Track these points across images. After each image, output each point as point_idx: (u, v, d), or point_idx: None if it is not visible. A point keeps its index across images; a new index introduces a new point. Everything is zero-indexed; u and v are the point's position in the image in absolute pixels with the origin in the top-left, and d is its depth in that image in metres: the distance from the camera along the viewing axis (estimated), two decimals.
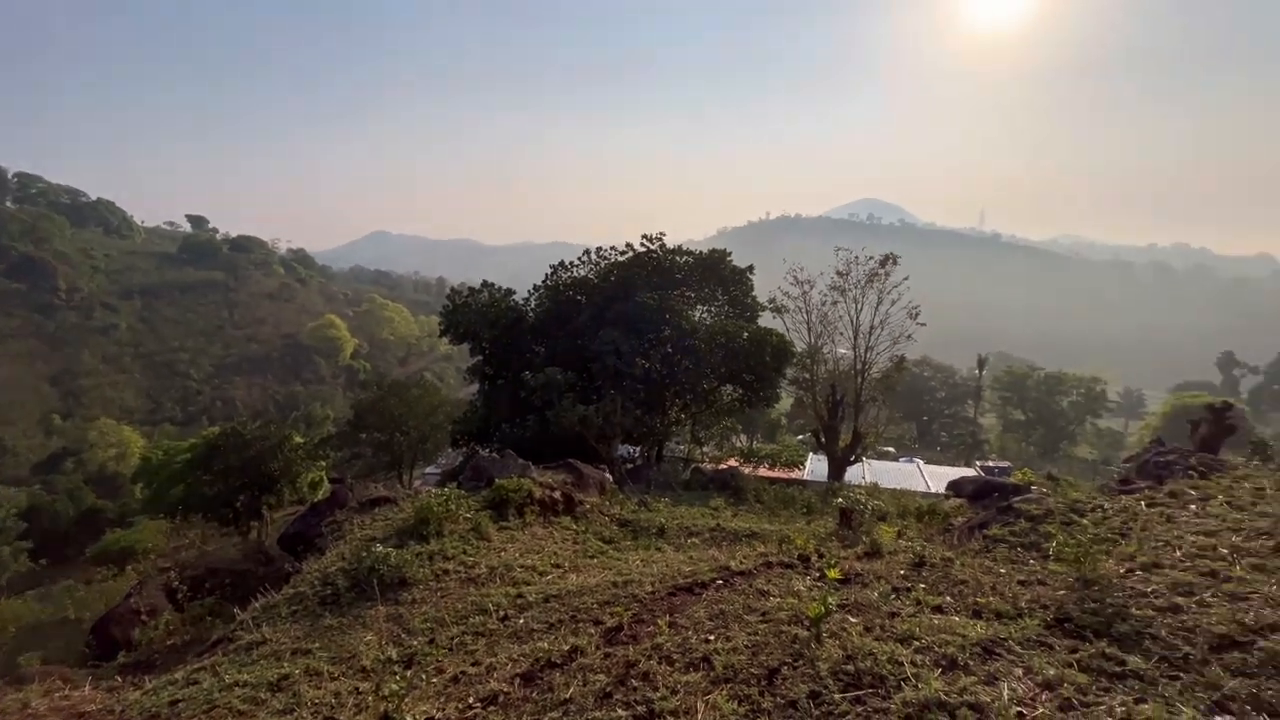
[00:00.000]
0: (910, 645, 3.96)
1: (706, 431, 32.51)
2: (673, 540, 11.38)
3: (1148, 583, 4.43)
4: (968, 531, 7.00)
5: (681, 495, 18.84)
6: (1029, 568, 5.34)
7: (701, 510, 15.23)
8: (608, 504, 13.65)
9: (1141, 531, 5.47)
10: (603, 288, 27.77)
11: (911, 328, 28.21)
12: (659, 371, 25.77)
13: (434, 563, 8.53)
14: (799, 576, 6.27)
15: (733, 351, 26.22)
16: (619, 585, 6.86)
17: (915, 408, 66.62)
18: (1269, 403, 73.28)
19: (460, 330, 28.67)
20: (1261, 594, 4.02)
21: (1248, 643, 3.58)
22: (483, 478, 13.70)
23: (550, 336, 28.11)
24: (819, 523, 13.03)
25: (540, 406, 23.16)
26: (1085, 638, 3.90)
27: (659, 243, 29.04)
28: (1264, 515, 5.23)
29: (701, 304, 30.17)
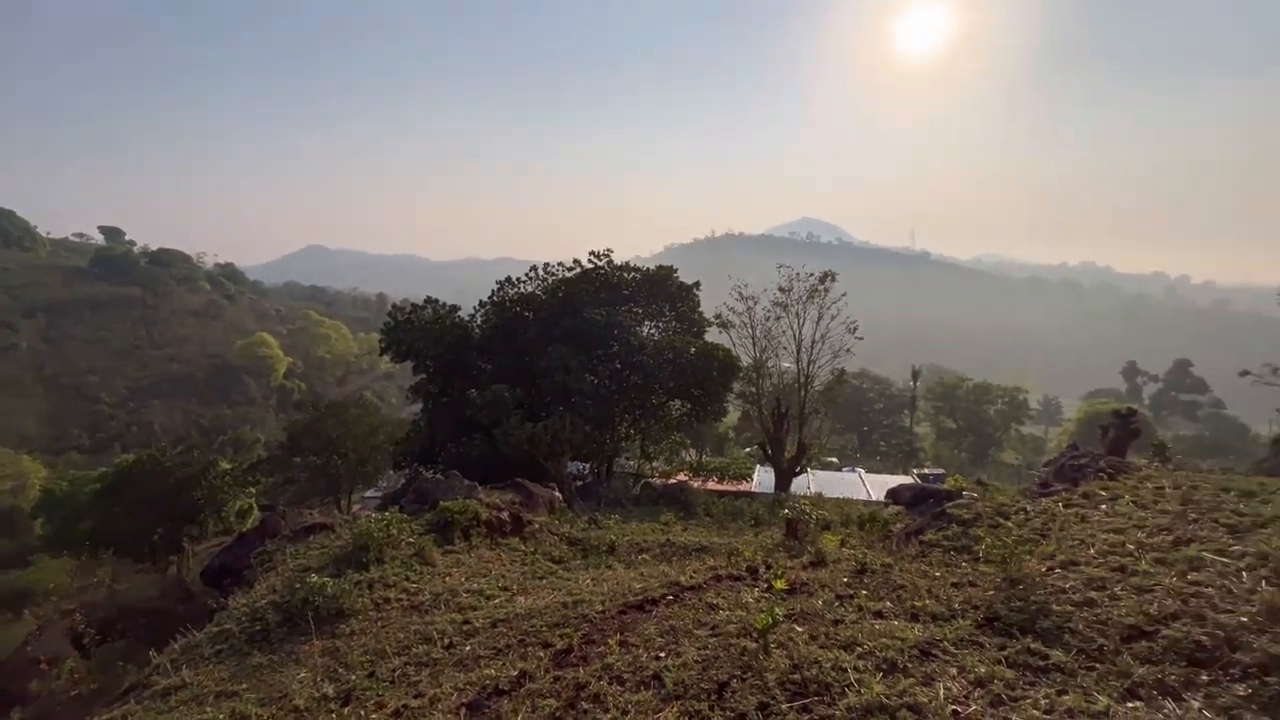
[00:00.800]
0: (854, 651, 4.08)
1: (656, 446, 32.63)
2: (623, 557, 11.32)
3: (1066, 580, 4.75)
4: (905, 537, 7.29)
5: (632, 511, 18.80)
6: (961, 570, 5.61)
7: (652, 526, 15.23)
8: (557, 523, 13.47)
9: (1059, 531, 5.85)
10: (550, 304, 27.62)
11: (850, 342, 29.33)
12: (608, 387, 25.76)
13: (374, 591, 8.17)
14: (748, 588, 6.36)
15: (680, 367, 26.53)
16: (569, 606, 6.76)
17: (855, 418, 69.04)
18: (1168, 408, 79.94)
19: (402, 348, 27.82)
20: (1164, 586, 4.37)
21: (1153, 632, 3.87)
22: (426, 500, 13.26)
23: (497, 353, 27.67)
24: (767, 534, 13.26)
25: (487, 425, 22.69)
26: (1012, 635, 4.13)
27: (607, 259, 29.21)
28: (1164, 512, 5.70)
29: (649, 320, 30.45)
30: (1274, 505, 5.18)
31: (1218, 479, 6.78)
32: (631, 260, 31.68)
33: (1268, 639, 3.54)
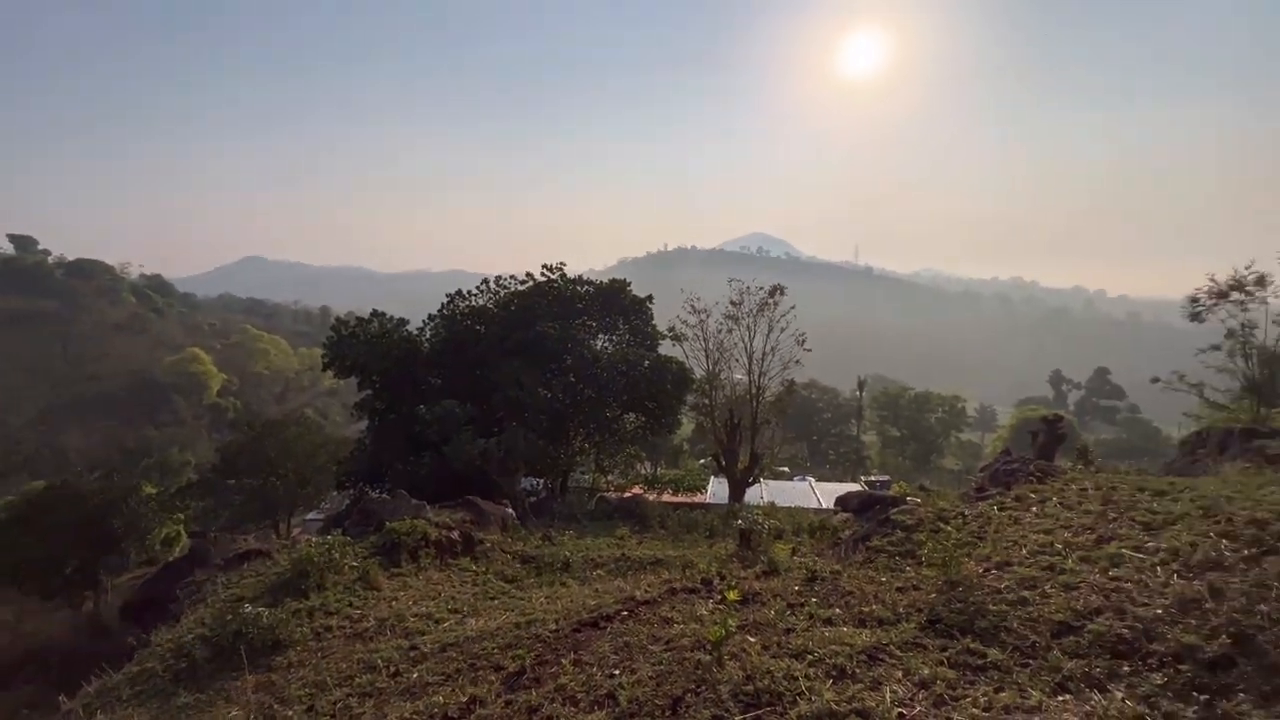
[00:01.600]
0: (805, 659, 4.15)
1: (611, 460, 32.49)
2: (578, 573, 11.18)
3: (1001, 580, 4.98)
4: (853, 544, 7.49)
5: (587, 526, 18.61)
6: (905, 574, 5.80)
7: (607, 540, 15.11)
8: (510, 541, 13.19)
9: (995, 534, 6.14)
10: (503, 317, 27.26)
11: (799, 353, 30.15)
12: (562, 401, 25.54)
13: (314, 619, 7.78)
14: (702, 601, 6.38)
15: (634, 380, 26.59)
16: (522, 626, 6.61)
17: (805, 428, 70.75)
18: (1090, 413, 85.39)
19: (347, 363, 26.83)
20: (1088, 583, 4.64)
21: (1080, 627, 4.10)
22: (372, 521, 12.77)
23: (447, 368, 27.05)
24: (721, 545, 13.37)
25: (437, 442, 22.08)
26: (953, 636, 4.29)
27: (559, 272, 29.10)
28: (1087, 513, 6.07)
29: (603, 333, 30.44)
30: (1182, 503, 5.59)
31: (1134, 479, 7.27)
32: (585, 273, 31.70)
33: (1180, 629, 3.80)
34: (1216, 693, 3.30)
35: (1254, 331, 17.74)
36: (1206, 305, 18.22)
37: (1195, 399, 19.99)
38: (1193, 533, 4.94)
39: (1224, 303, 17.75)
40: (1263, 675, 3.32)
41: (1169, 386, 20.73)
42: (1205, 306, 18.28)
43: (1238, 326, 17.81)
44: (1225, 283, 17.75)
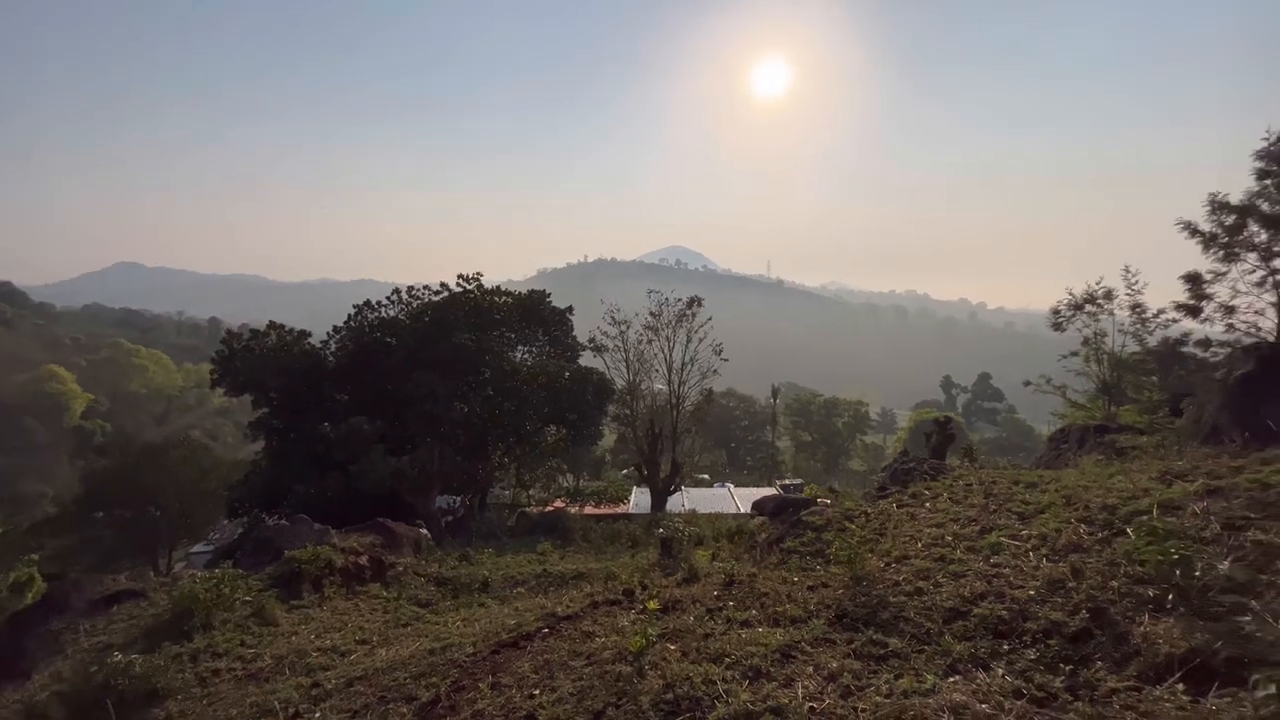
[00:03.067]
0: (722, 663, 4.24)
1: (532, 474, 31.88)
2: (497, 593, 10.86)
3: (899, 573, 5.34)
4: (768, 546, 7.77)
5: (507, 543, 18.15)
6: (816, 573, 6.09)
7: (528, 556, 14.81)
8: (424, 563, 12.62)
9: (894, 530, 6.59)
10: (416, 329, 26.17)
11: (717, 363, 31.06)
12: (480, 415, 24.83)
13: (199, 663, 7.07)
14: (623, 612, 6.38)
15: (555, 391, 26.32)
16: (436, 652, 6.33)
17: (724, 436, 72.74)
18: (975, 414, 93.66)
19: (240, 379, 24.76)
20: (973, 570, 5.07)
21: (967, 612, 4.47)
22: (269, 551, 11.80)
23: (355, 383, 25.57)
24: (644, 555, 13.44)
25: (343, 461, 20.78)
26: (859, 629, 4.55)
27: (476, 283, 28.38)
28: (972, 506, 6.65)
29: (522, 345, 29.95)
30: (1049, 494, 6.25)
31: (1010, 474, 8.05)
32: (503, 284, 31.12)
33: (1048, 608, 4.23)
34: (1079, 662, 3.70)
35: (1104, 339, 20.23)
36: (1066, 316, 20.55)
37: (1059, 399, 22.48)
38: (1058, 520, 5.53)
39: (1080, 314, 20.11)
40: (1114, 644, 3.76)
41: (1038, 389, 23.15)
42: (1065, 317, 20.62)
43: (1091, 335, 20.22)
44: (1080, 297, 20.14)
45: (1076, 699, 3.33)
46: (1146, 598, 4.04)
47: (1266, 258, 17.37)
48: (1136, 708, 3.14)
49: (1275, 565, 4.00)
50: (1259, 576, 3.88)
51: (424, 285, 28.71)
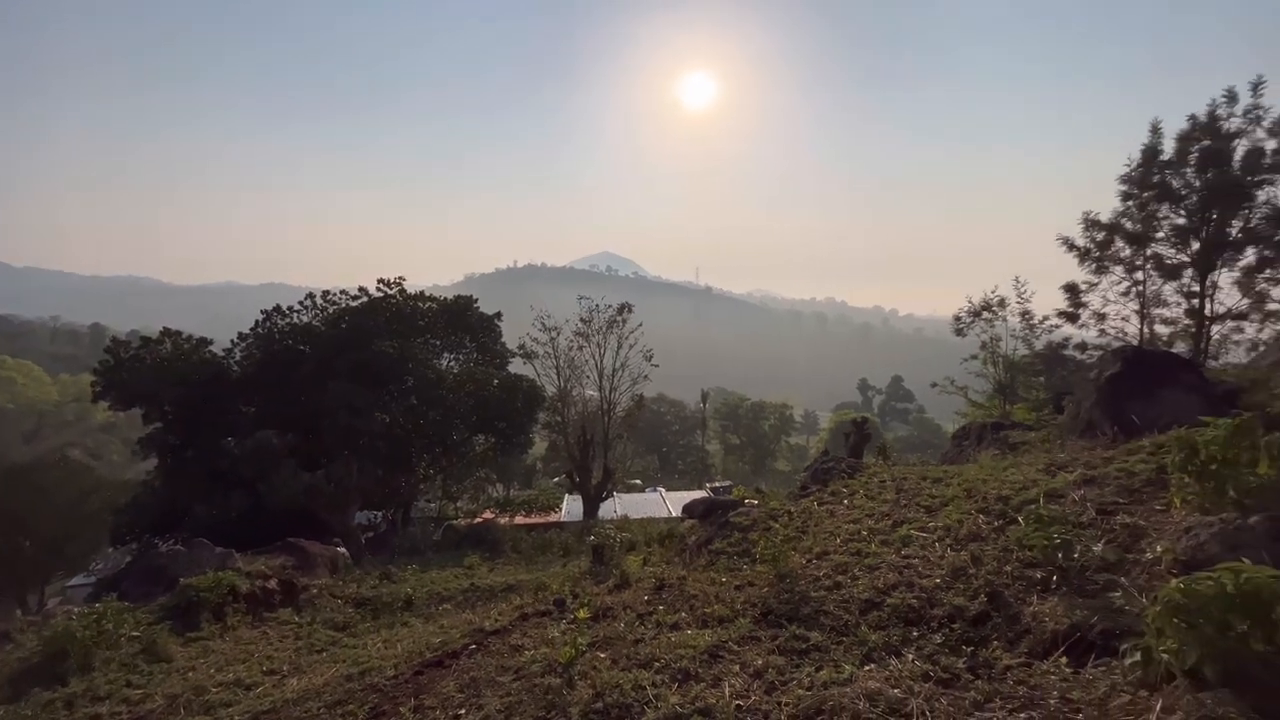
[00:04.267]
0: (652, 668, 4.27)
1: (459, 485, 30.92)
2: (422, 610, 10.42)
3: (820, 569, 5.58)
4: (698, 549, 7.90)
5: (433, 558, 17.48)
6: (743, 573, 6.24)
7: (455, 571, 14.33)
8: (342, 584, 11.93)
9: (815, 527, 6.88)
10: (332, 336, 24.79)
11: (648, 369, 31.34)
12: (403, 426, 23.81)
13: (76, 710, 6.34)
14: (554, 623, 6.29)
15: (483, 400, 25.67)
16: (354, 678, 5.99)
17: (655, 440, 73.44)
18: (889, 414, 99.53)
19: (128, 391, 22.59)
20: (887, 562, 5.37)
21: (881, 602, 4.72)
22: (162, 579, 10.79)
23: (263, 394, 23.88)
24: (575, 563, 13.32)
25: (250, 478, 19.32)
26: (782, 625, 4.70)
27: (398, 287, 27.27)
28: (885, 501, 7.05)
29: (449, 352, 29.07)
30: (952, 488, 6.72)
31: (919, 470, 8.60)
32: (428, 290, 30.05)
33: (952, 594, 4.55)
34: (979, 643, 4.00)
35: (999, 343, 22.08)
36: (966, 322, 22.28)
37: (962, 400, 24.29)
38: (960, 511, 5.95)
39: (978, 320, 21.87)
40: (1009, 624, 4.09)
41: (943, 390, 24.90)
42: (965, 324, 22.35)
43: (988, 340, 22.03)
44: (978, 304, 21.92)
45: (977, 678, 3.59)
46: (1035, 580, 4.41)
47: (1130, 270, 19.54)
48: (1027, 682, 3.42)
49: (1140, 545, 4.48)
50: (1126, 556, 4.33)
51: (341, 290, 27.28)
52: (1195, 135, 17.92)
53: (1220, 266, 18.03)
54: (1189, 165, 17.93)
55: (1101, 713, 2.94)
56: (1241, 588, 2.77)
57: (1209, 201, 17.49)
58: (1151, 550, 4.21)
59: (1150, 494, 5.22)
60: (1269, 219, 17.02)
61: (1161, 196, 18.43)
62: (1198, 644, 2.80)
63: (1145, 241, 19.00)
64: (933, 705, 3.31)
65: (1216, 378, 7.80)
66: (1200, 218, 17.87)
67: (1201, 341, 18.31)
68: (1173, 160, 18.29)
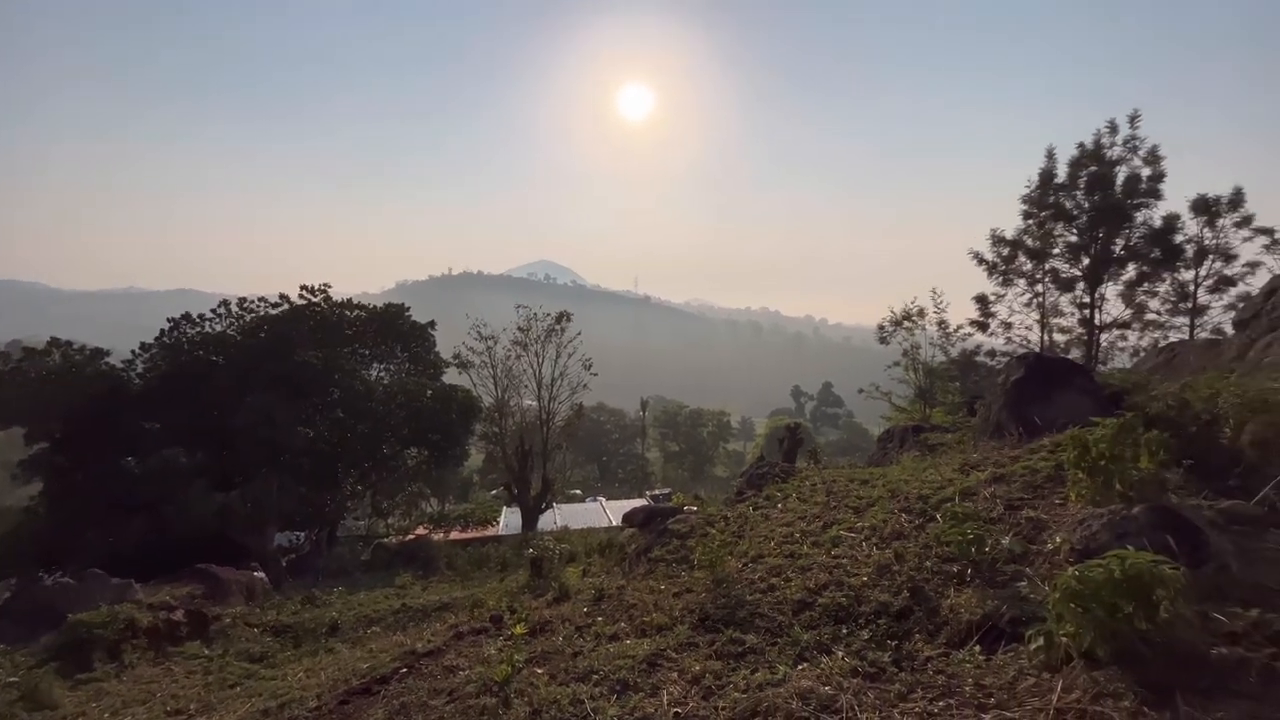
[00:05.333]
0: (590, 680, 4.23)
1: (390, 501, 29.63)
2: (349, 635, 9.89)
3: (755, 572, 5.70)
4: (636, 557, 7.90)
5: (361, 579, 16.66)
6: (681, 580, 6.29)
7: (385, 592, 13.70)
8: (259, 611, 11.16)
9: (751, 531, 7.04)
10: (249, 346, 23.30)
11: (587, 378, 31.21)
12: (328, 440, 22.63)
13: None
14: (490, 641, 6.13)
15: (416, 411, 24.78)
16: (271, 712, 5.60)
17: (595, 450, 73.11)
18: (821, 420, 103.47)
19: (7, 409, 20.33)
20: (818, 563, 5.56)
21: (812, 602, 4.88)
22: (48, 616, 9.72)
23: (170, 409, 22.09)
24: (513, 577, 13.02)
25: (155, 501, 17.80)
26: (719, 630, 4.77)
27: (323, 294, 25.98)
28: (817, 504, 7.31)
29: (379, 362, 27.94)
30: (878, 489, 7.05)
31: (847, 472, 8.96)
32: (357, 297, 28.78)
33: (878, 591, 4.76)
34: (902, 637, 4.20)
35: (919, 351, 23.43)
36: (889, 331, 23.53)
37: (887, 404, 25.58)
38: (885, 511, 6.25)
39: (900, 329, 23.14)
40: (929, 617, 4.32)
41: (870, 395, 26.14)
42: (888, 332, 23.60)
43: (909, 348, 23.34)
44: (899, 314, 23.21)
45: (901, 670, 3.77)
46: (952, 574, 4.68)
47: (1031, 283, 21.27)
48: (946, 671, 3.62)
49: (1042, 537, 4.84)
50: (1031, 547, 4.67)
51: (259, 297, 25.69)
52: (1084, 161, 19.76)
53: (1107, 280, 19.91)
54: (1079, 188, 19.74)
55: (1010, 695, 3.15)
56: (1126, 573, 3.05)
57: (1096, 221, 19.32)
58: (1052, 541, 4.56)
59: (1051, 489, 5.66)
60: (1146, 238, 18.97)
61: (1056, 216, 20.19)
62: (1091, 627, 3.05)
63: (1043, 257, 20.73)
64: (861, 699, 3.44)
65: (1105, 381, 8.57)
66: (1089, 236, 19.69)
67: (1092, 348, 20.12)
68: (1065, 183, 20.09)
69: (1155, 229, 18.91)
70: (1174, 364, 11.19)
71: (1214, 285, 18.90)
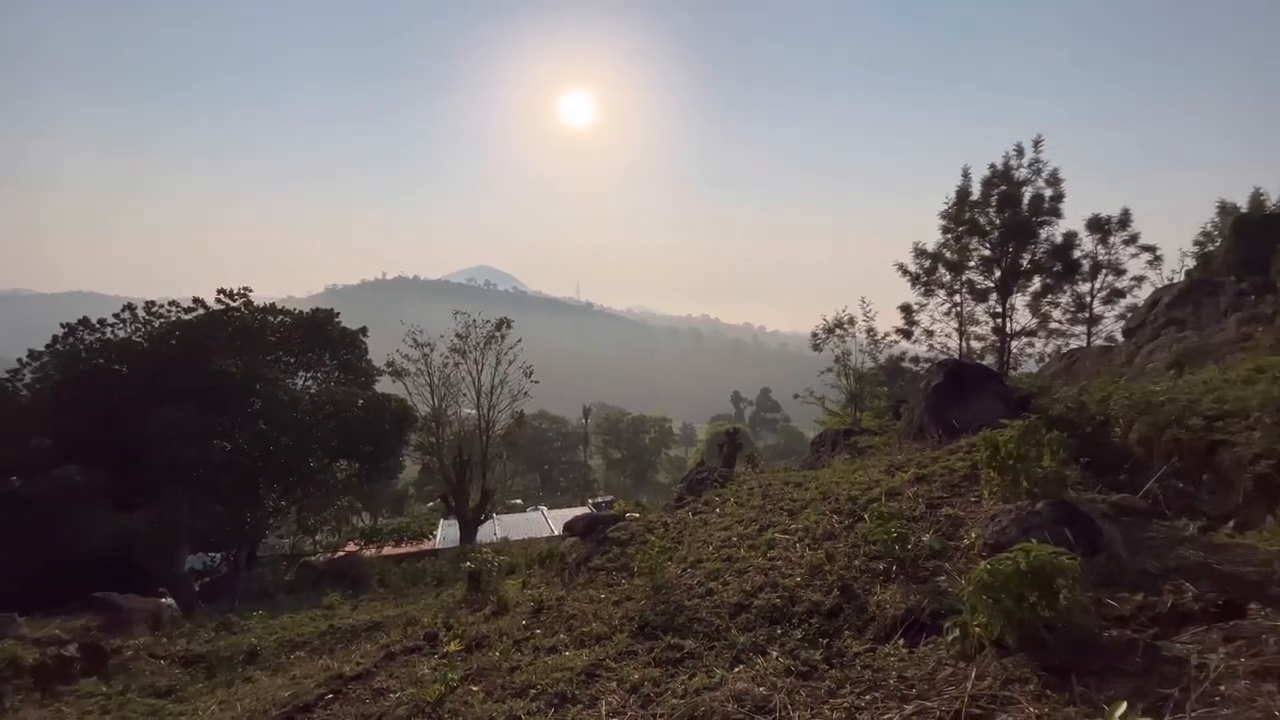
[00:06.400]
0: (527, 696, 4.15)
1: (318, 517, 28.15)
2: (269, 662, 9.30)
3: (694, 577, 5.77)
4: (577, 567, 7.84)
5: (285, 601, 15.73)
6: (622, 588, 6.29)
7: (311, 614, 12.99)
8: (167, 641, 10.32)
9: (690, 536, 7.13)
10: (159, 354, 21.64)
11: (528, 385, 30.77)
12: (249, 454, 21.28)
13: None
14: (424, 659, 5.92)
15: (346, 422, 23.67)
16: None
17: (537, 458, 72.08)
18: (760, 425, 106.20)
19: None
20: (754, 565, 5.69)
21: (749, 605, 4.99)
22: None
23: (64, 422, 20.16)
24: (450, 592, 12.63)
25: (45, 525, 16.16)
26: (658, 636, 4.79)
27: (243, 299, 24.48)
28: (754, 507, 7.49)
29: (305, 370, 26.59)
30: (810, 491, 7.30)
31: (783, 475, 9.24)
32: (283, 302, 27.28)
33: (810, 590, 4.92)
34: (833, 635, 4.35)
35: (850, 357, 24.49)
36: (821, 339, 24.47)
37: (820, 409, 26.55)
38: (817, 512, 6.47)
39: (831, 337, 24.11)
40: (857, 614, 4.50)
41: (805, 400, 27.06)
42: (821, 339, 24.53)
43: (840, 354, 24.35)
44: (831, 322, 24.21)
45: (831, 667, 3.90)
46: (879, 571, 4.90)
47: (951, 293, 22.66)
48: (872, 665, 3.78)
49: (959, 533, 5.14)
50: (949, 543, 4.95)
51: (170, 301, 23.92)
52: (995, 181, 21.29)
53: (1016, 291, 21.49)
54: (991, 206, 21.25)
55: (930, 685, 3.32)
56: (1031, 565, 3.28)
57: (1006, 237, 20.84)
58: (968, 537, 4.85)
59: (967, 487, 6.03)
60: (1049, 253, 20.62)
61: (971, 231, 21.64)
62: (1001, 616, 3.26)
63: (960, 269, 22.15)
64: (793, 698, 3.54)
65: (1015, 386, 9.24)
66: (1000, 250, 21.21)
67: (1004, 354, 21.62)
68: (979, 201, 21.57)
69: (1056, 245, 20.59)
70: (1074, 369, 12.21)
71: (1107, 297, 20.76)
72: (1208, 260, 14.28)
